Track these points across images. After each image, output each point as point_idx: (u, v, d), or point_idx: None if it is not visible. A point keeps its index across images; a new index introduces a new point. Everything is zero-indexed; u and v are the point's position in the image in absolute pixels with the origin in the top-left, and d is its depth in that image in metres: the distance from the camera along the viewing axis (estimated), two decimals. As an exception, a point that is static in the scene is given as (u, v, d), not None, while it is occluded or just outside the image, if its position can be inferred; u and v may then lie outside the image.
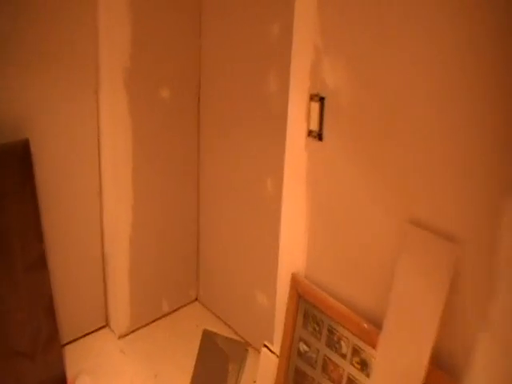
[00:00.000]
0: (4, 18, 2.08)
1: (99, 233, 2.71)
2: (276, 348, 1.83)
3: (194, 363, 2.55)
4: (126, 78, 2.41)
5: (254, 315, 2.45)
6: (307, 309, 1.69)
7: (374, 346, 1.49)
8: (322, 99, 1.50)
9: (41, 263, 2.36)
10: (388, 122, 1.39)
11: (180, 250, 2.92)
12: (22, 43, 2.17)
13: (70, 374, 2.44)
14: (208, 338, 1.81)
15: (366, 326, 1.52)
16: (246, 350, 1.75)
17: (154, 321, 2.91)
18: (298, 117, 1.58)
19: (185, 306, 3.02)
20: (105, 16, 2.31)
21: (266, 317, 2.31)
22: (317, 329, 1.67)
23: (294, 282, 1.70)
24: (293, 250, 1.70)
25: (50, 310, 2.41)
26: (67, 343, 2.62)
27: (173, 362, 2.62)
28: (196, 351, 2.59)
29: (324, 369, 1.66)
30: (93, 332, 2.80)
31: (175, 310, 2.99)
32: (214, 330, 2.76)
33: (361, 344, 1.54)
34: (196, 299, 3.05)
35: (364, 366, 1.54)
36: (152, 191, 2.70)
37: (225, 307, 2.82)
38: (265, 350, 1.88)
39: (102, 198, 2.65)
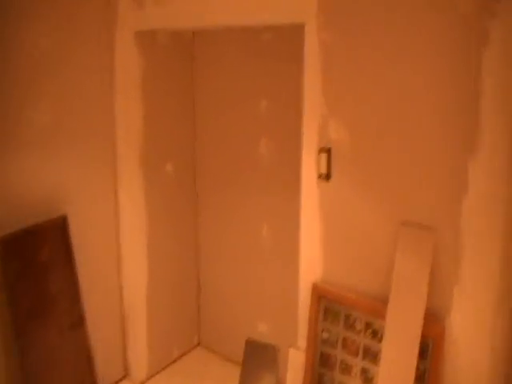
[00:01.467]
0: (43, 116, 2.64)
1: (119, 293, 3.18)
2: (302, 344, 2.40)
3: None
4: (138, 156, 2.98)
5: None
6: (327, 305, 2.30)
7: (382, 318, 2.11)
8: (328, 150, 2.20)
9: (81, 320, 2.74)
10: (375, 161, 2.10)
11: (184, 301, 3.44)
12: (57, 134, 2.69)
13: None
14: (251, 345, 2.33)
15: (374, 304, 2.15)
16: (278, 350, 2.28)
17: (167, 366, 3.38)
18: (311, 164, 2.25)
19: (190, 350, 3.52)
20: (121, 104, 2.90)
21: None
22: (335, 318, 2.28)
23: (315, 288, 2.32)
24: (311, 263, 2.33)
25: (90, 362, 2.76)
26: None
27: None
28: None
29: (344, 346, 2.26)
30: (115, 383, 3.22)
31: (183, 355, 3.47)
32: (218, 367, 3.28)
33: (372, 319, 2.17)
34: (198, 344, 3.55)
35: (375, 334, 2.16)
36: (162, 254, 3.22)
37: (226, 346, 3.35)
38: (292, 349, 2.45)
39: (120, 261, 3.15)
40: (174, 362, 3.40)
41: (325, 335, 2.31)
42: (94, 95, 2.85)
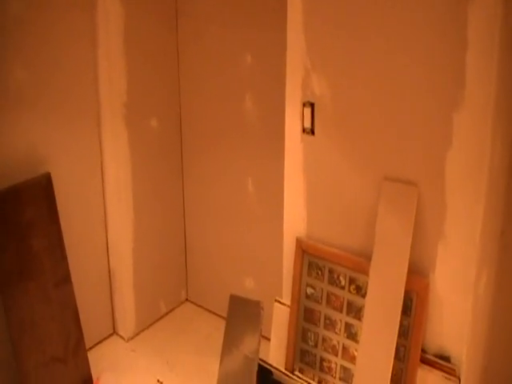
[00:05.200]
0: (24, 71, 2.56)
1: (105, 250, 3.17)
2: (286, 299, 2.40)
3: (195, 349, 3.08)
4: (123, 111, 2.91)
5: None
6: (310, 260, 2.29)
7: (366, 273, 2.11)
8: (312, 104, 2.16)
9: (67, 278, 2.72)
10: (359, 115, 2.06)
11: (171, 257, 3.42)
12: (37, 90, 2.61)
13: (94, 374, 2.82)
14: (234, 300, 2.33)
15: (358, 259, 2.14)
16: (261, 306, 2.27)
17: (154, 322, 3.39)
18: (295, 119, 2.21)
19: (178, 306, 3.53)
20: (104, 61, 2.82)
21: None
22: (319, 273, 2.27)
23: (299, 242, 2.31)
24: (295, 218, 2.31)
25: (76, 319, 2.76)
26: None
27: (179, 350, 3.11)
28: (194, 340, 3.16)
29: (328, 302, 2.26)
30: (103, 340, 3.22)
31: (171, 311, 3.48)
32: (205, 321, 3.32)
33: (355, 274, 2.16)
34: (186, 299, 3.56)
35: (359, 290, 2.16)
36: (148, 209, 3.20)
37: (214, 301, 3.36)
38: (276, 303, 2.45)
39: (106, 218, 3.13)
40: (162, 317, 3.41)
41: (309, 290, 2.31)
42: (74, 49, 2.77)
